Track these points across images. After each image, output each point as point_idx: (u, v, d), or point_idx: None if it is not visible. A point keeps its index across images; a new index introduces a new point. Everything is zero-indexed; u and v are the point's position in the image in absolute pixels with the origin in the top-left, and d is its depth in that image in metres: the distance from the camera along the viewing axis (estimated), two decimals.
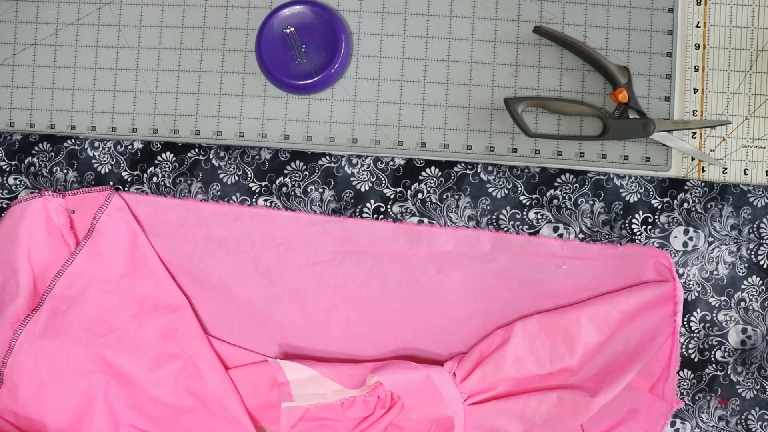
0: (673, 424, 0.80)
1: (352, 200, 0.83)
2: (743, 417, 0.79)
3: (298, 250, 0.82)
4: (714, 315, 0.81)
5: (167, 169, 0.84)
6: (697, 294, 0.81)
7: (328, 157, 0.84)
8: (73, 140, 0.85)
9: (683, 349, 0.81)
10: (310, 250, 0.82)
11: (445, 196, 0.83)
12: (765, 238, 0.82)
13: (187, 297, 0.82)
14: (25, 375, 0.76)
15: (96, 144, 0.85)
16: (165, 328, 0.80)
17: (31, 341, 0.77)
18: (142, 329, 0.80)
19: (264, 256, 0.82)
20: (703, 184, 0.82)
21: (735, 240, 0.81)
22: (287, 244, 0.82)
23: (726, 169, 0.84)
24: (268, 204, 0.83)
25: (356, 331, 0.82)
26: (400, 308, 0.81)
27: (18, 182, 0.85)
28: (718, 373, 0.80)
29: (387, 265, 0.82)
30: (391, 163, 0.83)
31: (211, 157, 0.84)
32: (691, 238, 0.81)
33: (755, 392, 0.79)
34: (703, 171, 0.84)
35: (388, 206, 0.83)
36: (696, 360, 0.81)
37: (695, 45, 0.85)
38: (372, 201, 0.83)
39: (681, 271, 0.81)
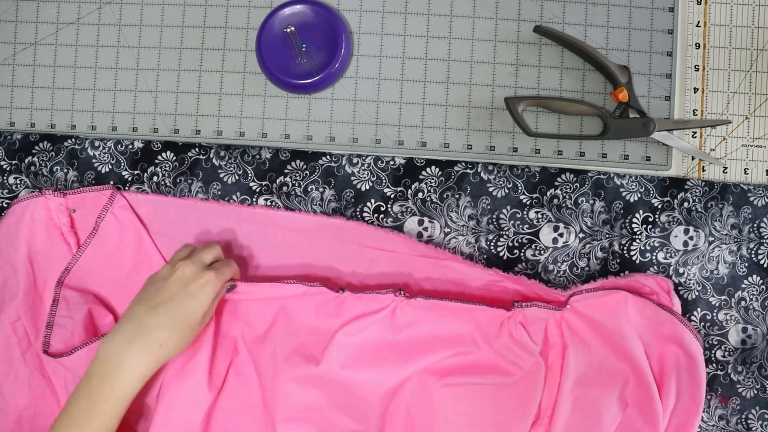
0: None
1: (353, 200, 0.83)
2: (743, 416, 0.79)
3: (298, 249, 0.82)
4: (714, 314, 0.81)
5: (167, 168, 0.84)
6: (697, 293, 0.81)
7: (328, 157, 0.84)
8: (73, 140, 0.85)
9: None
10: (311, 250, 0.82)
11: (445, 196, 0.83)
12: (765, 237, 0.82)
13: None
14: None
15: (96, 143, 0.85)
16: None
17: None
18: None
19: (264, 256, 0.82)
20: (703, 183, 0.82)
21: (735, 239, 0.81)
22: (287, 243, 0.82)
23: (726, 168, 0.84)
24: (269, 203, 0.83)
25: None
26: None
27: (18, 182, 0.85)
28: (719, 372, 0.80)
29: (388, 264, 0.81)
30: (392, 162, 0.83)
31: (211, 156, 0.84)
32: (691, 238, 0.81)
33: (755, 391, 0.79)
34: (704, 170, 0.84)
35: (389, 206, 0.83)
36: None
37: (695, 44, 0.85)
38: (372, 200, 0.83)
39: (681, 270, 0.81)
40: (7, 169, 0.85)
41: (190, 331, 0.71)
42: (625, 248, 0.81)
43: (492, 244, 0.82)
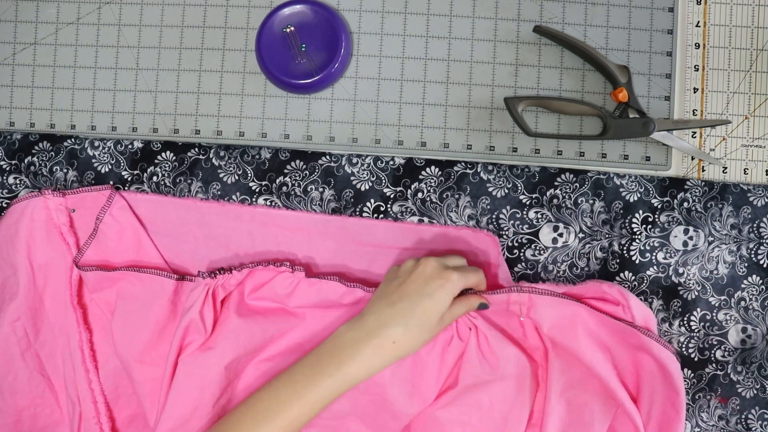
0: None
1: (352, 200, 0.83)
2: (743, 416, 0.79)
3: (299, 249, 0.82)
4: (714, 314, 0.81)
5: (167, 168, 0.84)
6: (697, 293, 0.81)
7: (328, 157, 0.84)
8: (73, 140, 0.85)
9: (683, 349, 0.81)
10: (311, 249, 0.82)
11: (445, 196, 0.83)
12: (765, 237, 0.82)
13: None
14: None
15: (96, 143, 0.85)
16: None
17: None
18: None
19: (265, 255, 0.82)
20: (703, 183, 0.82)
21: (735, 239, 0.81)
22: (288, 243, 0.82)
23: (726, 168, 0.84)
24: (269, 203, 0.83)
25: None
26: None
27: (18, 181, 0.85)
28: (718, 372, 0.80)
29: (388, 262, 0.81)
30: (391, 162, 0.83)
31: (211, 156, 0.84)
32: (691, 238, 0.81)
33: (755, 391, 0.79)
34: (703, 170, 0.84)
35: (388, 205, 0.83)
36: (696, 359, 0.80)
37: (695, 44, 0.85)
38: (372, 200, 0.83)
39: (681, 270, 0.81)
40: (7, 169, 0.85)
41: (427, 331, 0.70)
42: (625, 248, 0.81)
43: None
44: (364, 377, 0.69)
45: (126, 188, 0.84)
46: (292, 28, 0.83)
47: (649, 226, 0.81)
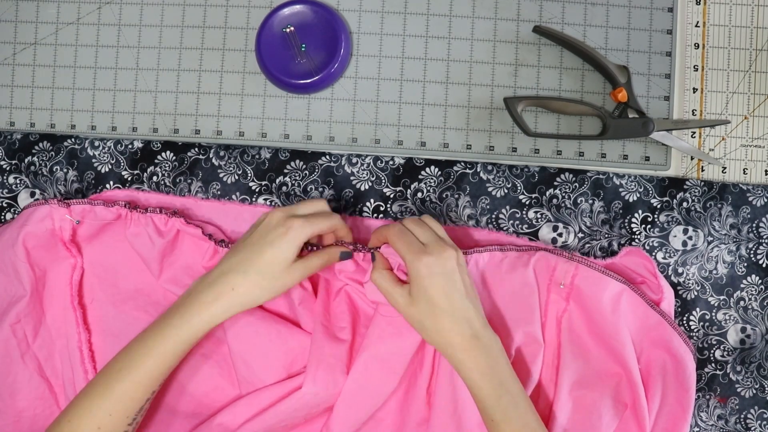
0: None
1: (352, 199, 0.83)
2: (742, 416, 0.79)
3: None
4: (713, 314, 0.81)
5: (167, 168, 0.84)
6: (696, 293, 0.81)
7: (327, 157, 0.84)
8: (73, 139, 0.85)
9: None
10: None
11: (444, 196, 0.83)
12: (764, 237, 0.82)
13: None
14: None
15: (96, 143, 0.85)
16: None
17: None
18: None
19: None
20: (702, 183, 0.82)
21: (734, 239, 0.82)
22: None
23: (725, 168, 0.84)
24: (269, 203, 0.83)
25: None
26: None
27: (18, 181, 0.85)
28: (718, 372, 0.80)
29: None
30: (391, 162, 0.83)
31: (211, 156, 0.84)
32: (690, 238, 0.81)
33: (754, 391, 0.79)
34: (703, 170, 0.84)
35: (388, 205, 0.83)
36: (695, 359, 0.81)
37: (695, 44, 0.85)
38: (372, 200, 0.83)
39: (680, 270, 0.81)
40: (7, 168, 0.85)
41: (269, 279, 0.70)
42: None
43: None
44: (207, 326, 0.70)
45: (126, 188, 0.84)
46: (292, 28, 0.84)
47: (649, 226, 0.81)
